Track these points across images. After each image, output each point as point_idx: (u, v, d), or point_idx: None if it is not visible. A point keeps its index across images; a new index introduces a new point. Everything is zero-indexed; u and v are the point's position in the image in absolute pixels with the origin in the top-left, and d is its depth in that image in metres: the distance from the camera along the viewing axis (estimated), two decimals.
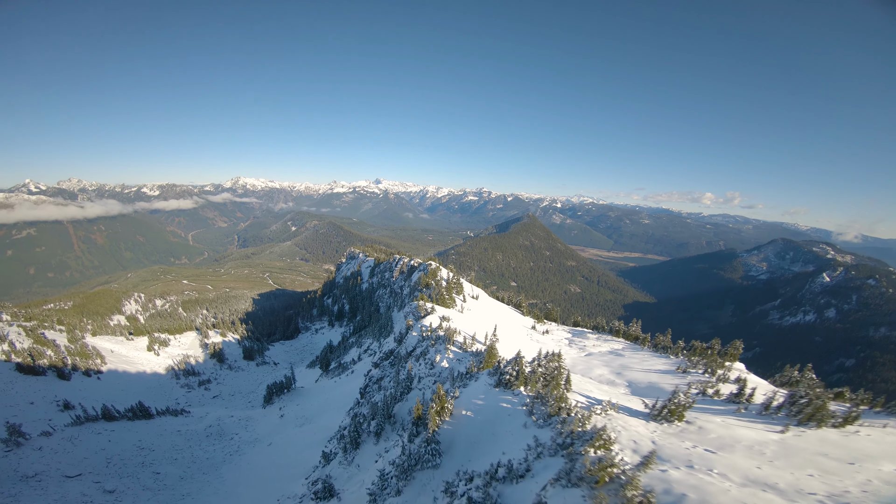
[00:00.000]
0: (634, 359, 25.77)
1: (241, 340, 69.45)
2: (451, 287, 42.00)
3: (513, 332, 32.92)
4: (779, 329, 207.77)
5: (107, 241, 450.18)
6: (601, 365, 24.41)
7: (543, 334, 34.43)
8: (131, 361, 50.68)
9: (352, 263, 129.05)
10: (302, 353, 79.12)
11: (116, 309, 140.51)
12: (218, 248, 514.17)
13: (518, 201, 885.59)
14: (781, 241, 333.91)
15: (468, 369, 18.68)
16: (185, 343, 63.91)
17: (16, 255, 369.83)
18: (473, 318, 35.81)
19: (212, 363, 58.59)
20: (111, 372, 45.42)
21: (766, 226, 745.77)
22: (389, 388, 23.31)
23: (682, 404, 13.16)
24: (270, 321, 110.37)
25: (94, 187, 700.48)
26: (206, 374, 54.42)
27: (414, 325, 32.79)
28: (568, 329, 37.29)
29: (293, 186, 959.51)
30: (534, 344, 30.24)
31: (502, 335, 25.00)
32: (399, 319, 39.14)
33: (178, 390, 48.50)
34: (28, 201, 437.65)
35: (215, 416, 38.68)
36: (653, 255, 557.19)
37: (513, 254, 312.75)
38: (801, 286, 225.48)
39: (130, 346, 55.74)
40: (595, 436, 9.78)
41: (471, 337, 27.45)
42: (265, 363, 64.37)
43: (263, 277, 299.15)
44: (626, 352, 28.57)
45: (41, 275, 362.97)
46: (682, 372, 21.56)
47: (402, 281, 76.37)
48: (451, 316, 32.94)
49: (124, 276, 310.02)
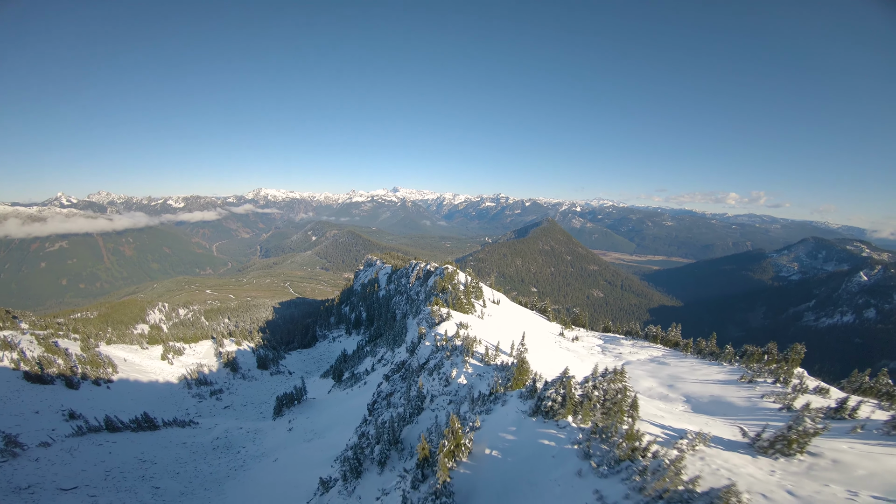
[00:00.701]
0: (681, 367, 22.54)
1: (256, 349, 68.15)
2: (469, 291, 39.05)
3: (540, 340, 29.99)
4: (815, 331, 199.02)
5: (135, 253, 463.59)
6: (646, 375, 21.32)
7: (573, 341, 31.39)
8: (144, 370, 49.63)
9: (369, 271, 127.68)
10: (319, 361, 77.36)
11: (140, 318, 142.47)
12: (241, 259, 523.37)
13: (536, 206, 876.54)
14: (813, 240, 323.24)
15: (492, 389, 15.28)
16: (200, 352, 62.92)
17: (49, 266, 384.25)
18: (495, 324, 33.01)
19: (225, 372, 57.22)
20: (122, 381, 44.34)
21: (795, 225, 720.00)
22: (399, 406, 20.86)
23: (809, 432, 9.50)
24: (289, 329, 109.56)
25: (122, 200, 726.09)
26: (218, 384, 52.99)
27: (427, 333, 29.90)
28: (598, 335, 34.11)
29: (313, 196, 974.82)
30: (563, 352, 27.33)
31: (530, 344, 22.32)
32: (412, 327, 36.79)
33: (190, 400, 47.11)
34: (60, 214, 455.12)
35: (224, 427, 36.86)
36: (677, 258, 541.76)
37: (533, 259, 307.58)
38: (836, 286, 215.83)
39: (145, 355, 54.91)
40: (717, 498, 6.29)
41: (493, 347, 24.34)
42: (279, 372, 62.70)
43: (284, 286, 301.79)
44: (668, 359, 25.29)
45: (73, 285, 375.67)
46: (746, 382, 18.33)
47: (419, 286, 73.98)
48: (469, 322, 30.13)
49: (151, 287, 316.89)
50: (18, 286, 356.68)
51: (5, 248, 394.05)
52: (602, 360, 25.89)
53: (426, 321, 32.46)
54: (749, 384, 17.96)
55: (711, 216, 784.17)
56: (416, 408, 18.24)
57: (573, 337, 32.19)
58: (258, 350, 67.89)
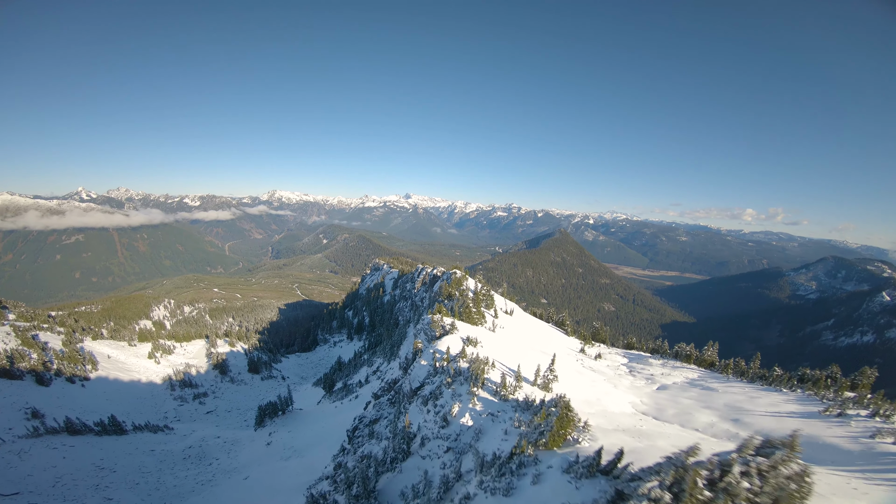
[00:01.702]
0: (735, 394, 18.66)
1: (249, 352, 64.84)
2: (479, 299, 34.62)
3: (560, 358, 26.32)
4: (833, 350, 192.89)
5: (148, 249, 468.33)
6: (698, 406, 17.47)
7: (596, 359, 27.52)
8: (127, 369, 46.80)
9: (376, 275, 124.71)
10: (317, 367, 74.04)
11: (145, 314, 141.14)
12: (253, 259, 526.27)
13: (548, 217, 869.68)
14: (832, 259, 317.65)
15: (515, 448, 9.73)
16: (191, 352, 60.07)
17: (64, 259, 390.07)
18: (509, 339, 29.21)
19: (213, 374, 54.08)
20: (100, 379, 41.46)
21: (813, 243, 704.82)
22: (383, 438, 17.16)
23: None
24: (290, 332, 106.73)
25: (140, 196, 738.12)
26: (204, 387, 49.82)
27: (424, 348, 25.14)
28: (622, 352, 30.19)
29: (326, 200, 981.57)
30: (589, 374, 23.36)
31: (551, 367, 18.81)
32: (411, 337, 32.94)
33: (170, 403, 43.95)
34: (78, 208, 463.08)
35: (200, 435, 33.56)
36: (691, 274, 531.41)
37: (543, 270, 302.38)
38: (857, 305, 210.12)
39: (131, 352, 52.13)
40: None
41: (512, 372, 19.39)
42: (272, 377, 59.34)
43: (292, 288, 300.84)
44: (710, 383, 21.40)
45: (86, 279, 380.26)
46: (834, 416, 14.36)
47: (424, 292, 70.29)
48: (478, 337, 25.35)
49: (160, 283, 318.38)
50: (33, 277, 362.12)
51: (23, 239, 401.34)
52: (633, 382, 22.03)
53: (424, 333, 28.15)
54: (839, 418, 14.05)
55: (727, 232, 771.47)
56: (402, 451, 14.18)
57: (596, 354, 28.31)
58: (251, 353, 64.60)
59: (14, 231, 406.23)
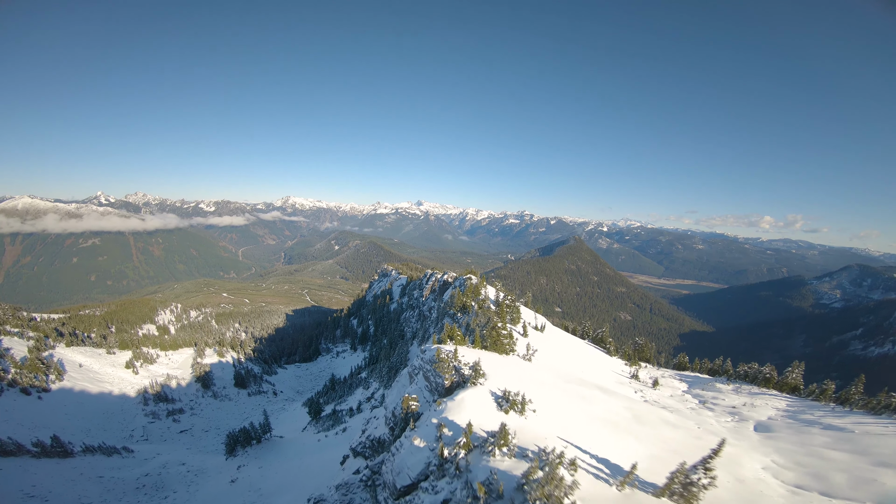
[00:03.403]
0: (878, 438, 13.00)
1: (239, 363, 59.67)
2: (503, 312, 27.74)
3: (612, 388, 20.58)
4: (863, 360, 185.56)
5: (163, 254, 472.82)
6: (866, 463, 11.81)
7: (654, 387, 21.88)
8: (99, 379, 42.34)
9: (383, 281, 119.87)
10: (316, 378, 68.96)
11: (149, 318, 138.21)
12: (265, 265, 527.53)
13: (561, 224, 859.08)
14: (857, 267, 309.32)
15: None
16: (176, 361, 55.45)
17: (80, 262, 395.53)
18: (552, 372, 22.44)
19: (195, 388, 49.20)
20: (62, 391, 37.01)
21: (834, 251, 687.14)
22: None
23: None
24: (294, 339, 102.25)
25: (156, 201, 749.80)
26: (182, 402, 44.96)
27: (423, 412, 16.80)
28: (675, 374, 24.61)
29: (339, 207, 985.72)
30: (663, 413, 17.48)
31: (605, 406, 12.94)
32: (415, 357, 26.32)
33: (141, 419, 39.19)
34: (96, 212, 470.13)
35: (163, 460, 28.70)
36: (708, 283, 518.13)
37: (558, 278, 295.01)
38: (886, 314, 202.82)
39: (107, 361, 47.73)
40: None
41: (607, 469, 11.82)
42: (261, 392, 54.15)
43: (302, 294, 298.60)
44: (823, 417, 15.92)
45: (101, 282, 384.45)
46: None
47: (433, 301, 64.37)
48: (521, 388, 16.19)
49: (171, 287, 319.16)
50: (49, 279, 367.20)
51: (42, 241, 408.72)
52: (719, 420, 16.55)
53: (425, 376, 19.93)
54: None
55: (744, 240, 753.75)
56: None
57: (651, 380, 22.75)
58: (242, 364, 59.50)
59: (33, 234, 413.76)
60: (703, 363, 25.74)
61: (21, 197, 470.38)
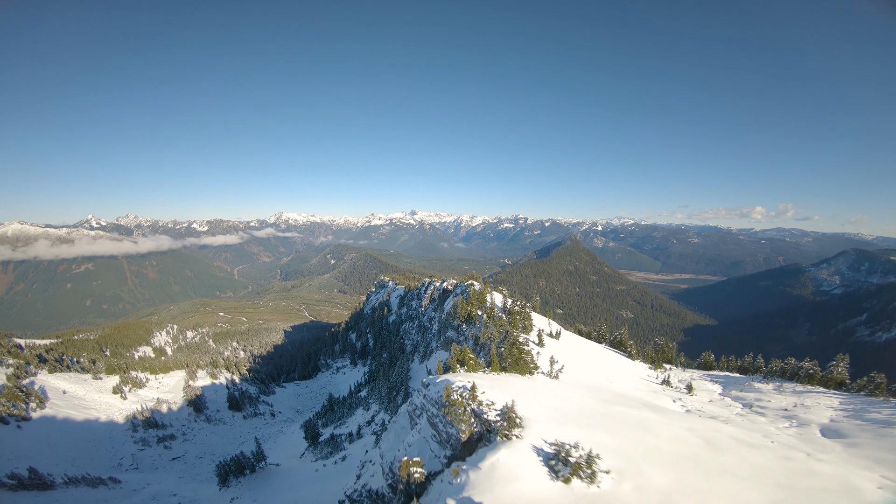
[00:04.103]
0: None
1: (233, 384, 57.39)
2: (515, 321, 25.58)
3: (644, 398, 18.79)
4: (872, 346, 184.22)
5: (157, 276, 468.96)
6: None
7: (688, 393, 20.32)
8: (84, 406, 40.33)
9: (381, 293, 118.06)
10: (316, 396, 66.82)
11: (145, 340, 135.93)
12: (262, 282, 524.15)
13: (556, 226, 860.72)
14: (854, 252, 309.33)
15: None
16: (167, 385, 53.25)
17: (74, 287, 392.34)
18: (580, 387, 19.92)
19: (186, 412, 47.01)
20: (45, 420, 35.03)
21: (827, 238, 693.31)
22: None
23: None
24: (291, 357, 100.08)
25: (148, 223, 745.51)
26: (173, 427, 42.86)
27: (432, 489, 13.11)
28: (704, 375, 23.06)
29: (333, 220, 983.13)
30: (715, 425, 15.58)
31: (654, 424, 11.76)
32: (417, 374, 23.62)
33: (130, 447, 37.14)
34: (87, 237, 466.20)
35: (152, 491, 26.84)
36: (705, 276, 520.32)
37: (556, 280, 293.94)
38: (889, 298, 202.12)
39: (93, 386, 45.58)
40: None
41: None
42: (257, 414, 51.98)
43: (299, 309, 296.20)
44: (888, 415, 14.46)
45: (96, 306, 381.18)
46: None
47: (432, 311, 62.27)
48: (551, 418, 13.55)
49: (167, 309, 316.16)
50: (44, 305, 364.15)
51: (34, 269, 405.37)
52: (762, 427, 14.96)
53: (428, 420, 16.26)
54: None
55: (738, 232, 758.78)
56: None
57: (683, 384, 21.12)
58: (234, 386, 57.23)
59: (25, 261, 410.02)
60: (730, 361, 24.30)
61: (10, 223, 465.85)
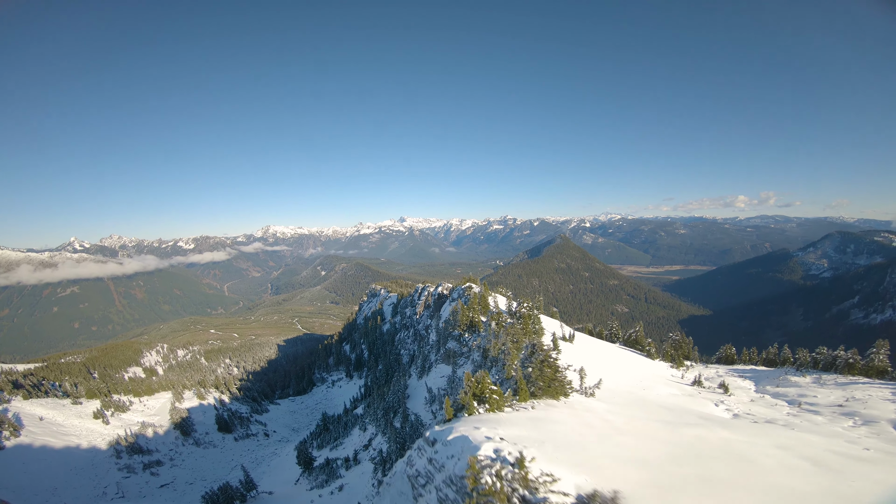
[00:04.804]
0: None
1: (221, 405, 54.89)
2: (527, 326, 22.94)
3: (700, 406, 17.29)
4: (868, 329, 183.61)
5: (146, 296, 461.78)
6: None
7: (724, 393, 19.10)
8: (64, 432, 38.16)
9: (373, 302, 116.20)
10: (313, 412, 64.80)
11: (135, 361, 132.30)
12: (252, 298, 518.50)
13: (545, 225, 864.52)
14: (839, 235, 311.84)
15: None
16: (152, 408, 50.78)
17: (61, 311, 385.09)
18: (621, 402, 17.45)
19: (174, 436, 44.66)
20: (20, 447, 32.93)
21: (810, 222, 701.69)
22: None
23: None
24: (286, 371, 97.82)
25: (133, 243, 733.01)
26: (160, 452, 40.66)
27: None
28: (728, 370, 21.94)
29: (321, 231, 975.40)
30: (795, 435, 13.86)
31: None
32: (416, 392, 20.67)
33: (115, 474, 34.94)
34: (70, 260, 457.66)
35: None
36: (696, 266, 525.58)
37: (549, 278, 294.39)
38: (879, 279, 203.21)
39: (73, 412, 43.18)
40: None
41: None
42: (249, 435, 49.88)
43: (292, 323, 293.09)
44: None
45: (85, 328, 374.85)
46: None
47: (428, 318, 60.12)
48: (614, 472, 9.85)
49: (157, 328, 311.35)
50: (31, 330, 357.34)
51: (18, 294, 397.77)
52: (829, 428, 13.90)
53: (439, 500, 11.45)
54: None
55: (723, 221, 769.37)
56: None
57: (713, 381, 19.95)
58: (223, 406, 54.78)
59: (8, 287, 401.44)
60: (751, 353, 23.32)
61: None
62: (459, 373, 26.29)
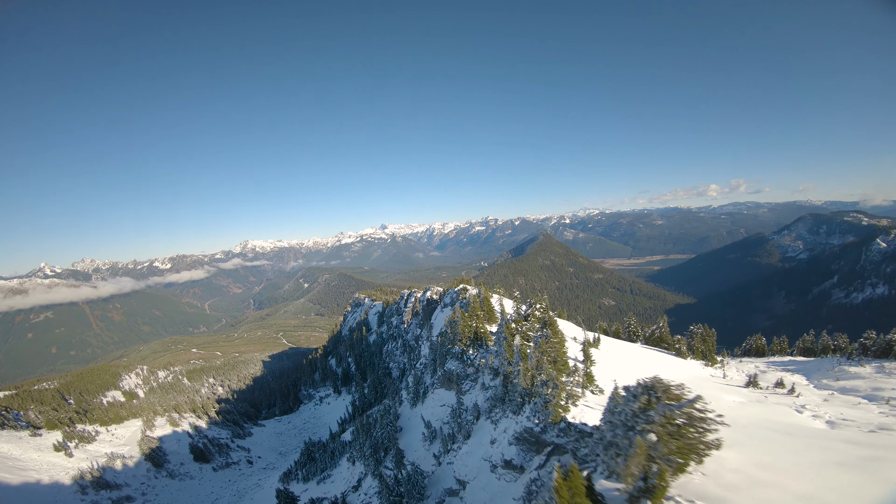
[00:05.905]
0: None
1: (197, 432, 51.33)
2: (560, 341, 17.87)
3: (769, 415, 14.90)
4: (850, 308, 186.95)
5: (124, 318, 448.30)
6: None
7: (790, 394, 17.36)
8: (22, 467, 34.95)
9: (357, 312, 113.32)
10: (301, 432, 61.91)
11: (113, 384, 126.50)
12: (235, 314, 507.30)
13: (526, 224, 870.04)
14: (810, 217, 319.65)
15: None
16: (121, 437, 47.21)
17: (36, 336, 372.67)
18: None
19: (145, 468, 41.35)
20: None
21: (781, 206, 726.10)
22: None
23: None
24: (271, 389, 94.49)
25: (107, 266, 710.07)
26: (130, 487, 37.58)
27: None
28: (765, 362, 20.39)
29: (302, 243, 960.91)
30: None
31: None
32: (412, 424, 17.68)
33: None
34: (42, 285, 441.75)
35: None
36: (676, 255, 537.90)
37: (535, 276, 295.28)
38: (855, 258, 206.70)
39: (31, 444, 39.75)
40: None
41: None
42: (230, 464, 46.83)
43: (277, 337, 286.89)
44: None
45: (63, 353, 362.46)
46: None
47: (417, 328, 56.00)
48: None
49: (137, 350, 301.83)
50: (7, 356, 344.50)
51: None
52: None
53: None
54: None
55: (698, 210, 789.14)
56: None
57: (766, 380, 18.28)
58: (199, 433, 51.25)
59: None
60: (781, 342, 22.21)
61: None
62: (466, 401, 21.89)
